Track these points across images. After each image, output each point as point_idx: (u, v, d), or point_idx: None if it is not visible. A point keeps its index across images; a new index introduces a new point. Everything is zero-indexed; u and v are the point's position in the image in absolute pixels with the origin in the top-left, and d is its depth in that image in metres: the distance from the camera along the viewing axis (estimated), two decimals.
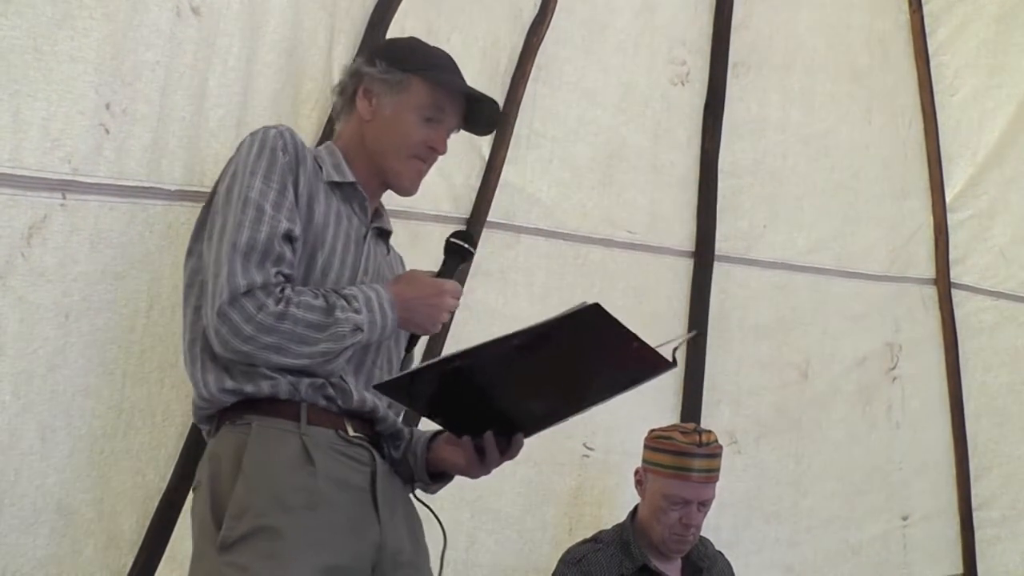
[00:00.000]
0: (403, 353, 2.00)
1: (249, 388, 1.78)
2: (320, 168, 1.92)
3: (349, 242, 1.90)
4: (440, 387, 1.73)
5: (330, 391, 1.82)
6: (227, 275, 1.71)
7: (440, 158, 1.97)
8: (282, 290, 1.74)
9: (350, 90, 2.02)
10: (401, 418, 1.99)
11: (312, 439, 1.77)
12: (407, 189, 2.03)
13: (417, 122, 1.96)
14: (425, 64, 1.99)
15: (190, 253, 1.90)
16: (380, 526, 1.79)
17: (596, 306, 1.58)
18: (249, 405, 1.79)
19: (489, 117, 2.07)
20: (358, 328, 1.76)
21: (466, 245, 1.96)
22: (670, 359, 1.72)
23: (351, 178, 1.95)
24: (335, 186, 1.93)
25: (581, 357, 1.73)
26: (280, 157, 1.81)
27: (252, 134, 1.85)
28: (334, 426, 1.82)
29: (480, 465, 1.87)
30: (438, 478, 1.99)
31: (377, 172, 1.99)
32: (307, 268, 1.84)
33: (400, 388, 1.75)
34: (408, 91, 1.96)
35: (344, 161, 1.96)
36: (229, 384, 1.79)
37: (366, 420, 1.88)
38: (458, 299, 1.92)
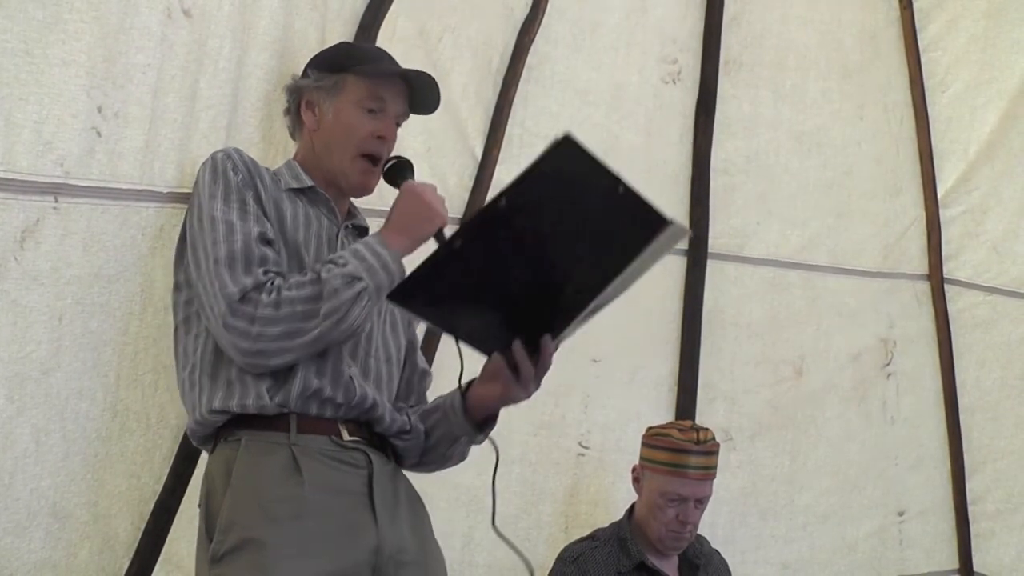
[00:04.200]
0: (402, 338, 2.03)
1: (234, 405, 1.80)
2: (279, 181, 1.96)
3: (322, 243, 1.93)
4: (450, 287, 1.67)
5: (328, 392, 1.82)
6: (219, 288, 1.75)
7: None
8: (272, 282, 1.76)
9: (294, 107, 2.08)
10: (408, 418, 1.97)
11: (302, 448, 1.79)
12: (358, 187, 2.04)
13: (360, 116, 1.99)
14: (355, 60, 2.03)
15: (177, 288, 1.93)
16: (377, 529, 1.79)
17: (567, 137, 1.57)
18: (241, 422, 1.81)
19: (429, 95, 2.08)
20: (353, 277, 1.76)
21: (397, 162, 1.99)
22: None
23: (309, 183, 1.98)
24: (297, 192, 1.96)
25: (573, 216, 1.69)
26: (233, 177, 1.84)
27: (203, 164, 1.88)
28: (327, 432, 1.83)
29: (517, 384, 1.83)
30: (483, 425, 1.98)
31: (331, 178, 2.02)
32: (299, 267, 1.85)
33: (412, 295, 1.68)
34: (344, 90, 2.00)
35: (302, 171, 2.01)
36: (217, 403, 1.81)
37: (363, 423, 1.89)
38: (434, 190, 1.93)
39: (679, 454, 2.76)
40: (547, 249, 1.71)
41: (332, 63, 2.05)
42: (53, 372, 2.02)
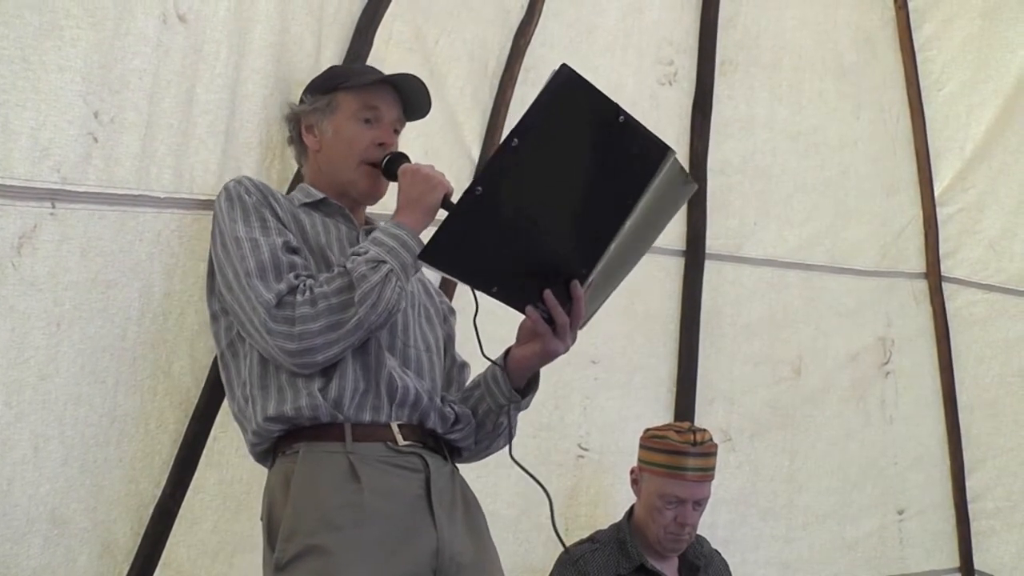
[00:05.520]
0: (439, 330, 2.08)
1: (289, 410, 1.82)
2: (293, 200, 2.01)
3: (344, 246, 1.97)
4: (477, 239, 1.70)
5: (372, 387, 1.85)
6: (255, 299, 1.79)
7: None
8: (304, 284, 1.80)
9: (295, 134, 2.15)
10: (453, 408, 1.99)
11: (359, 456, 1.81)
12: (367, 193, 2.09)
13: (358, 127, 2.06)
14: (344, 78, 2.11)
15: (214, 319, 1.96)
16: (437, 532, 1.81)
17: (564, 67, 1.62)
18: (297, 435, 1.84)
19: (420, 98, 2.13)
20: (377, 261, 1.80)
21: (391, 156, 2.03)
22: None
23: (321, 195, 2.04)
24: (312, 207, 2.02)
25: (582, 150, 1.74)
26: (248, 199, 1.89)
27: (217, 196, 1.93)
28: (382, 439, 1.85)
29: (554, 336, 1.87)
30: (526, 390, 2.01)
31: (342, 190, 2.07)
32: (327, 268, 1.89)
33: (441, 252, 1.70)
34: (338, 107, 2.08)
35: (313, 189, 2.07)
36: (271, 410, 1.83)
37: (416, 425, 1.91)
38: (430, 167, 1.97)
39: (676, 456, 2.75)
40: (563, 186, 1.76)
41: (323, 85, 2.13)
42: (51, 378, 2.02)
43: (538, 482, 1.92)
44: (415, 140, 2.68)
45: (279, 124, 2.35)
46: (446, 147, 2.87)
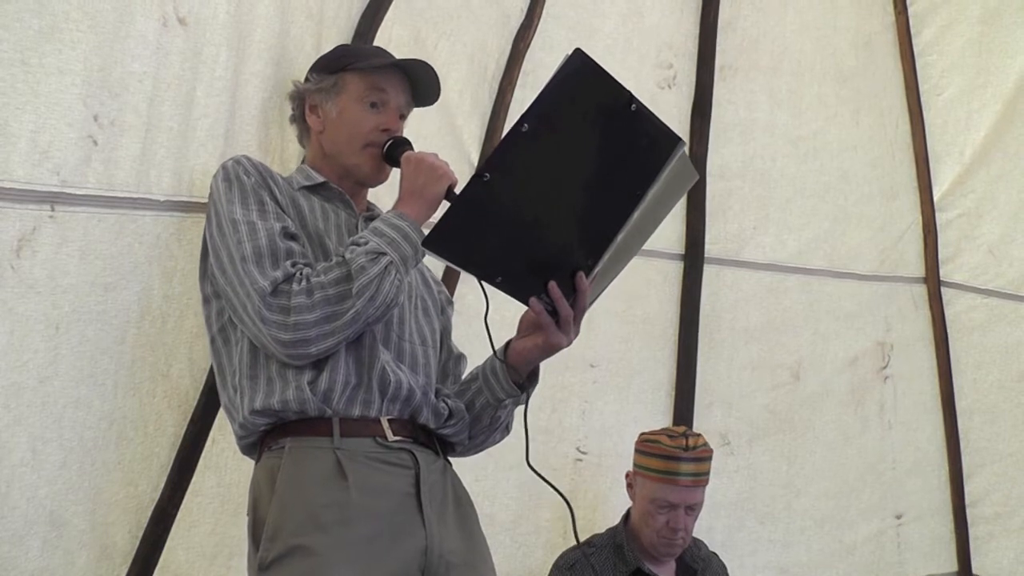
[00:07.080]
0: (436, 323, 2.05)
1: (276, 403, 1.79)
2: (292, 182, 1.98)
3: (343, 233, 1.94)
4: (483, 227, 1.67)
5: (364, 380, 1.82)
6: (250, 285, 1.76)
7: None
8: (300, 272, 1.77)
9: (299, 113, 2.12)
10: (447, 403, 1.97)
11: (347, 452, 1.78)
12: (371, 177, 2.06)
13: (363, 111, 2.02)
14: (352, 58, 2.07)
15: (206, 301, 1.94)
16: (426, 530, 1.78)
17: (578, 51, 1.60)
18: (284, 429, 1.81)
19: (429, 83, 2.10)
20: (377, 253, 1.77)
21: (394, 140, 2.01)
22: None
23: (321, 179, 2.01)
24: (311, 190, 1.99)
25: (592, 138, 1.71)
26: (247, 180, 1.86)
27: (215, 175, 1.90)
28: (372, 434, 1.83)
29: (557, 329, 1.84)
30: (526, 384, 1.98)
31: (344, 173, 2.04)
32: (324, 256, 1.87)
33: (446, 240, 1.66)
34: (344, 88, 2.04)
35: (314, 171, 2.04)
36: (258, 403, 1.81)
37: (407, 420, 1.88)
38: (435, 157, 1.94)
39: (669, 461, 2.75)
40: (571, 175, 1.73)
41: (330, 64, 2.08)
42: (50, 381, 2.02)
43: (558, 492, 1.90)
44: (414, 143, 2.68)
45: (279, 127, 2.36)
46: (445, 150, 2.82)
